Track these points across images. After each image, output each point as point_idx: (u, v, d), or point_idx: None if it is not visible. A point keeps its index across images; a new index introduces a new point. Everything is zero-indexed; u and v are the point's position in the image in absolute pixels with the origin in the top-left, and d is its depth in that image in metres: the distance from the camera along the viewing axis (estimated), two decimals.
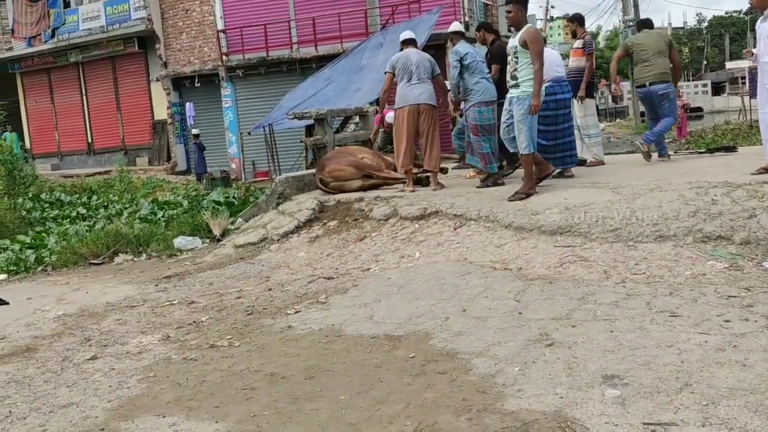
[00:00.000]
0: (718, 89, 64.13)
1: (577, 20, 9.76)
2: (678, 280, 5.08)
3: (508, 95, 7.33)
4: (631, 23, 39.58)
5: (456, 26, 8.85)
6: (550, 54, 8.41)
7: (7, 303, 6.87)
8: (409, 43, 8.65)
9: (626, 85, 52.34)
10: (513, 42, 7.21)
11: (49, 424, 3.75)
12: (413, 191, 8.40)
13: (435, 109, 8.52)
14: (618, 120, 56.40)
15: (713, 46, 79.62)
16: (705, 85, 65.01)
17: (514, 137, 7.33)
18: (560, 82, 8.26)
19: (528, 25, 7.22)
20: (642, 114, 38.23)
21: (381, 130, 11.65)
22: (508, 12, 7.29)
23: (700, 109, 53.98)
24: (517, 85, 7.18)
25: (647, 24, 9.77)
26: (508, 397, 3.49)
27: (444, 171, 9.57)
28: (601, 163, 9.56)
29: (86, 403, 4.01)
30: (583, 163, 9.17)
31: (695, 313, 4.36)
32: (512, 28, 7.37)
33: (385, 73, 8.60)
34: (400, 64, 8.36)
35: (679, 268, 5.30)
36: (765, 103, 6.82)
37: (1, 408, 4.03)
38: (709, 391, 3.30)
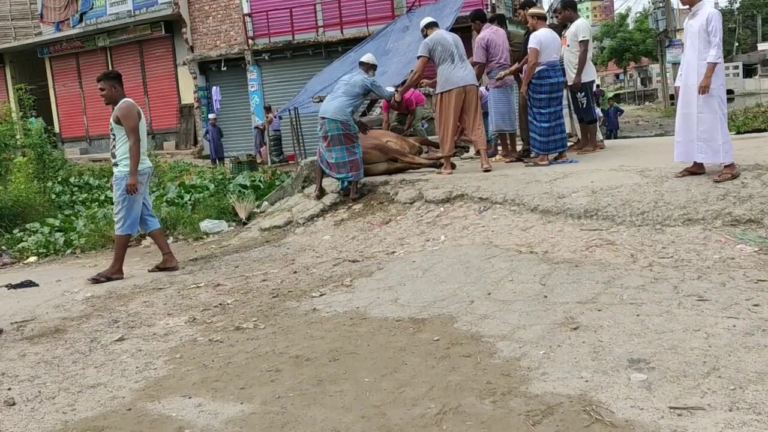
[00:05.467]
0: (749, 71, 63.03)
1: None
2: (706, 264, 5.01)
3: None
4: (661, 4, 39.01)
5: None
6: (551, 38, 8.10)
7: (37, 285, 6.98)
8: (434, 26, 8.40)
9: (655, 68, 51.62)
10: (112, 119, 6.86)
11: (78, 403, 3.81)
12: (450, 173, 8.38)
13: (477, 88, 8.45)
14: (647, 103, 55.76)
15: (745, 27, 78.12)
16: (736, 67, 63.87)
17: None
18: (554, 67, 8.08)
19: (123, 99, 6.86)
20: (671, 97, 37.78)
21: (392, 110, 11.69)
22: (102, 89, 6.89)
23: (731, 91, 53.09)
24: (116, 164, 6.86)
25: None
26: (532, 380, 3.47)
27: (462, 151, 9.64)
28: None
29: (114, 383, 4.06)
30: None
31: (723, 297, 4.30)
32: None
33: (419, 57, 8.30)
34: (439, 47, 8.09)
35: (707, 251, 5.23)
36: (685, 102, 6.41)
37: (30, 388, 4.10)
38: (736, 376, 3.26)
